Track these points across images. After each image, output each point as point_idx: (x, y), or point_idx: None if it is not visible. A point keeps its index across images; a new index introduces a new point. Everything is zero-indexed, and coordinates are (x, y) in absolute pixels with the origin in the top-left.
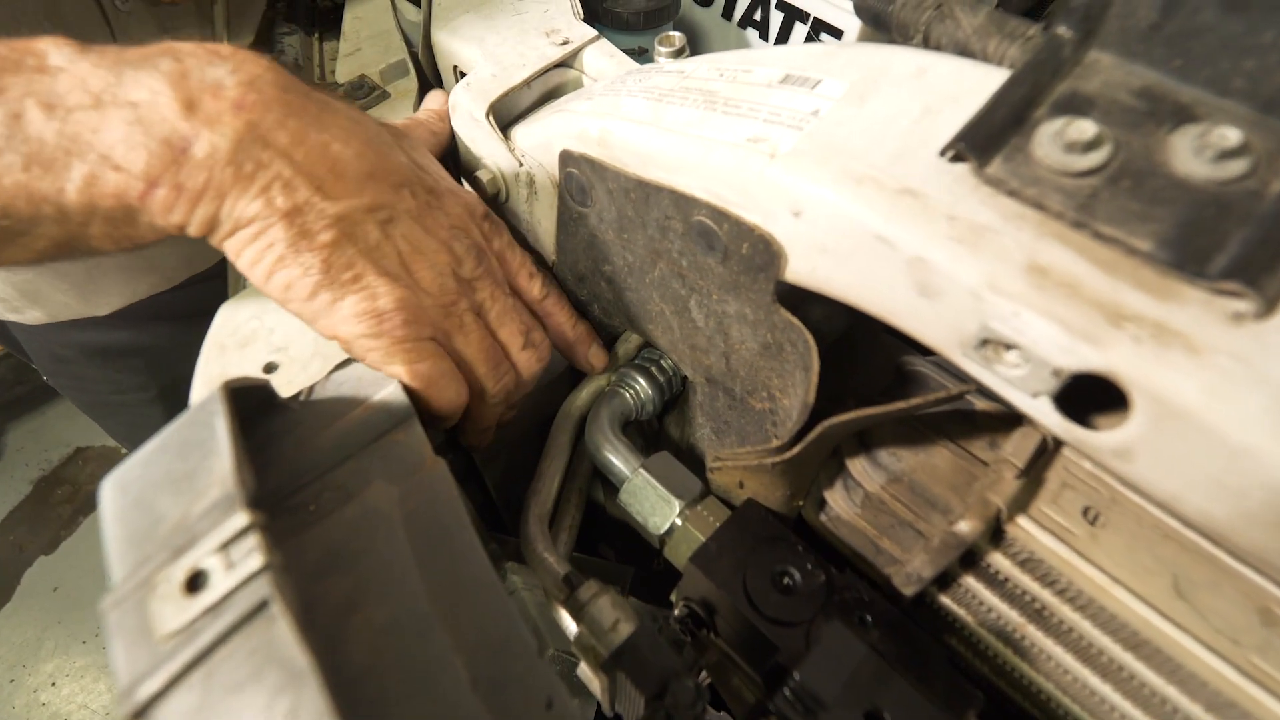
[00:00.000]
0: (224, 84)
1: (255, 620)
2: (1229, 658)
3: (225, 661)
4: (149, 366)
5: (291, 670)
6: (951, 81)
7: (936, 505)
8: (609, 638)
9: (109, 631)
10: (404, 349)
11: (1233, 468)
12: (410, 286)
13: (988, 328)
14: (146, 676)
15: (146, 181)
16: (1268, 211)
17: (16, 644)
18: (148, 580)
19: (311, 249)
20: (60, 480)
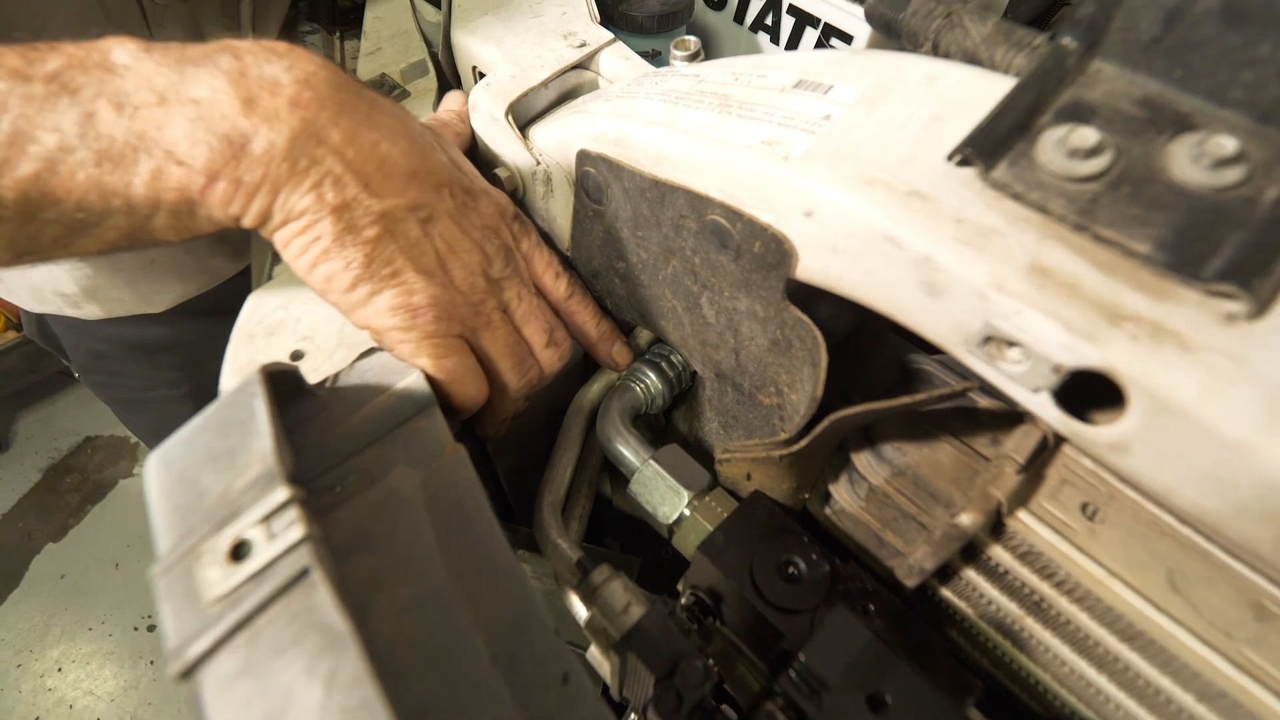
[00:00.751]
0: (280, 81)
1: (296, 587)
2: (1221, 650)
3: (268, 625)
4: (184, 363)
5: (331, 635)
6: (960, 89)
7: (939, 498)
8: (620, 620)
9: (158, 596)
10: (433, 344)
11: (1224, 462)
12: (444, 284)
13: (991, 325)
14: (194, 638)
15: (208, 176)
16: (1261, 218)
17: (24, 630)
18: (194, 549)
19: (356, 244)
20: (69, 469)
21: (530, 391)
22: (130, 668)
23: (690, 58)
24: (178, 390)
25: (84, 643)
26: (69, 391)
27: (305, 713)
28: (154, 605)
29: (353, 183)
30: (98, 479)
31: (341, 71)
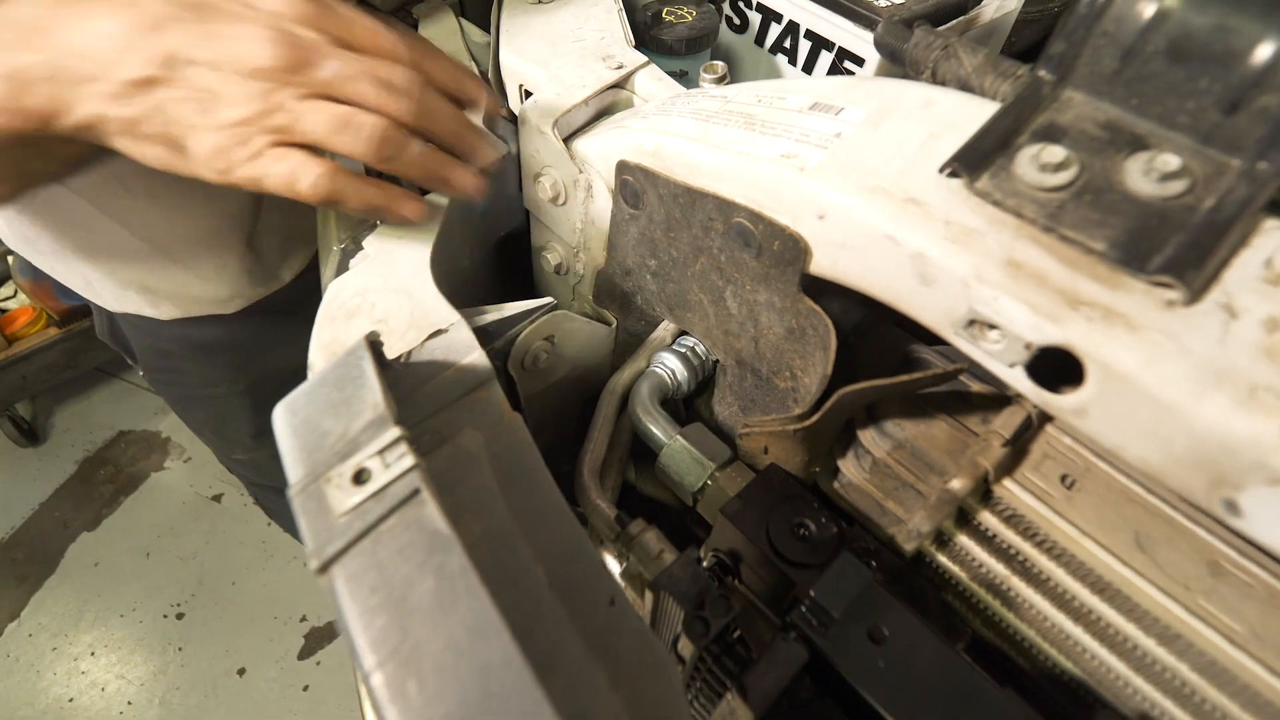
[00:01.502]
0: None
1: (409, 504)
2: (1180, 600)
3: (387, 532)
4: (240, 361)
5: (439, 538)
6: (952, 112)
7: (934, 468)
8: (654, 564)
9: (296, 512)
10: (250, 170)
11: (1163, 421)
12: (221, 124)
13: (973, 310)
14: (329, 542)
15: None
16: (1198, 222)
17: (58, 614)
18: (323, 475)
19: (135, 138)
20: (103, 461)
21: (417, 124)
22: (160, 654)
23: (717, 81)
24: (234, 387)
25: (116, 628)
26: (104, 387)
27: (421, 597)
28: (187, 591)
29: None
30: (130, 471)
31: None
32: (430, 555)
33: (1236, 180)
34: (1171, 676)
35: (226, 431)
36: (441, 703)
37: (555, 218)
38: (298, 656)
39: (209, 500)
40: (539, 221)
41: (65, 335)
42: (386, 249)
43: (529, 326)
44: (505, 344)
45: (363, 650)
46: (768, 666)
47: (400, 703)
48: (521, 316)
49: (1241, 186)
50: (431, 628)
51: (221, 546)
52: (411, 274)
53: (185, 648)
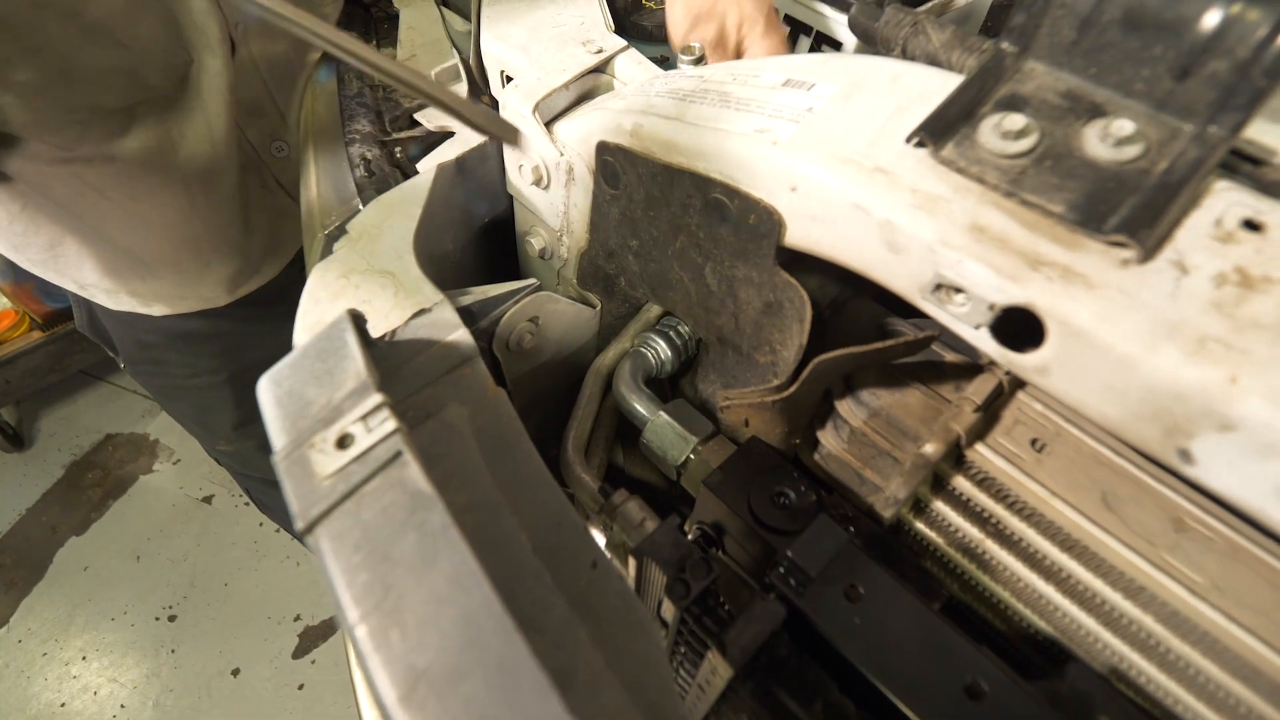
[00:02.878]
0: None
1: (391, 466)
2: (1145, 555)
3: (370, 493)
4: (224, 352)
5: (421, 497)
6: (919, 85)
7: (908, 434)
8: (637, 532)
9: (281, 476)
10: None
11: (1118, 374)
12: None
13: (940, 274)
14: (313, 504)
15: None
16: (1151, 184)
17: (49, 620)
18: (307, 441)
19: None
20: (91, 465)
21: None
22: (152, 656)
23: (694, 61)
24: (217, 377)
25: (107, 632)
26: (90, 390)
27: (404, 553)
28: (179, 593)
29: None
30: (119, 474)
31: None
32: (412, 514)
33: (1189, 144)
34: (1138, 629)
35: (209, 422)
36: (424, 650)
37: (538, 202)
38: (292, 655)
39: (199, 502)
40: (522, 206)
41: (49, 338)
42: (370, 233)
43: (513, 307)
44: (490, 325)
45: (347, 605)
46: (745, 623)
47: (384, 652)
48: (505, 297)
49: (1193, 149)
50: (414, 581)
51: (213, 547)
52: (395, 256)
53: (178, 650)
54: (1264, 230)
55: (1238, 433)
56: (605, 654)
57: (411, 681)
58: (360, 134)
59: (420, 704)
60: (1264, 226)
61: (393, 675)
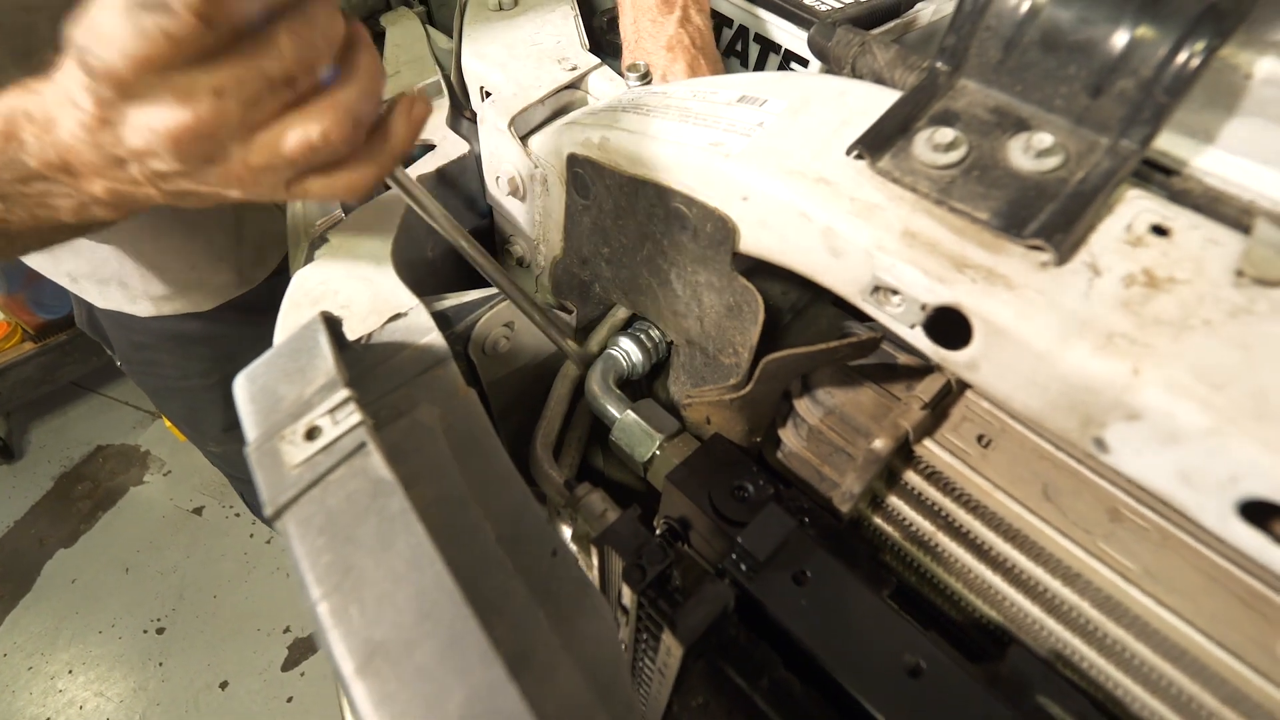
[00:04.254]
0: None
1: (355, 456)
2: (1082, 544)
3: (335, 481)
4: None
5: (382, 484)
6: (862, 101)
7: (861, 431)
8: (599, 523)
9: (253, 466)
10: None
11: (1038, 368)
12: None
13: (877, 277)
14: (282, 491)
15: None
16: (1069, 193)
17: (35, 633)
18: (278, 433)
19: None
20: (81, 477)
21: (339, 136)
22: (140, 669)
23: (640, 78)
24: (207, 380)
25: (94, 645)
26: (81, 402)
27: (365, 535)
28: (168, 605)
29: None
30: (109, 486)
31: None
32: (374, 499)
33: (1103, 155)
34: (1076, 615)
35: (199, 424)
36: (380, 624)
37: (516, 212)
38: (281, 668)
39: (189, 513)
40: (501, 217)
41: (41, 349)
42: (350, 241)
43: (488, 312)
44: (465, 329)
45: (310, 584)
46: (695, 604)
47: (343, 626)
48: (480, 302)
49: (1107, 161)
50: (373, 562)
51: (202, 560)
52: (373, 263)
53: (166, 662)
54: (1170, 235)
55: (1143, 421)
56: (562, 636)
57: (368, 653)
58: None
59: (375, 672)
60: (1170, 231)
61: (350, 647)
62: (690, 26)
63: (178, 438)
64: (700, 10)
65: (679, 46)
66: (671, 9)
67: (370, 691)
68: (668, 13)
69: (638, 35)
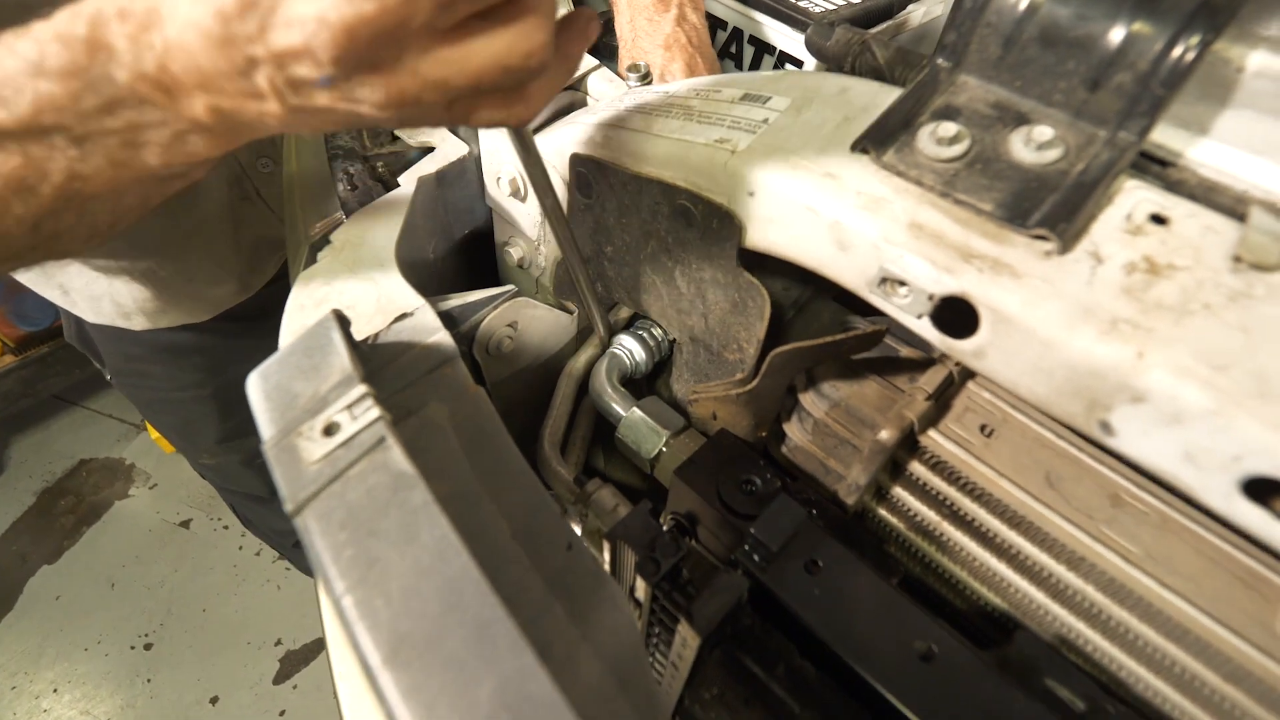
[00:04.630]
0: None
1: (375, 450)
2: (1085, 528)
3: (355, 476)
4: (208, 365)
5: (403, 477)
6: (864, 97)
7: (866, 423)
8: (610, 517)
9: (271, 463)
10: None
11: (1044, 354)
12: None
13: (884, 269)
14: (301, 487)
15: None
16: (1070, 184)
17: (18, 652)
18: (295, 430)
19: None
20: (64, 491)
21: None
22: (128, 686)
23: (641, 79)
24: (201, 391)
25: (80, 663)
26: (63, 415)
27: (387, 529)
28: (156, 620)
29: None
30: (93, 500)
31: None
32: (395, 493)
33: (1102, 147)
34: (1081, 599)
35: (193, 436)
36: (407, 616)
37: (516, 213)
38: (273, 681)
39: (176, 526)
40: (501, 218)
41: (21, 362)
42: (353, 242)
43: (492, 312)
44: (470, 329)
45: (334, 579)
46: (711, 594)
47: (370, 619)
48: (485, 302)
49: (1106, 153)
50: (397, 554)
51: (190, 573)
52: (377, 264)
53: (154, 679)
54: (1169, 223)
55: (1147, 404)
56: (581, 628)
57: (395, 644)
58: (343, 149)
59: (405, 664)
60: (1169, 220)
61: (377, 639)
62: (687, 25)
63: (164, 450)
64: (696, 9)
65: (676, 45)
66: (668, 7)
67: (399, 682)
68: (664, 11)
69: (634, 34)
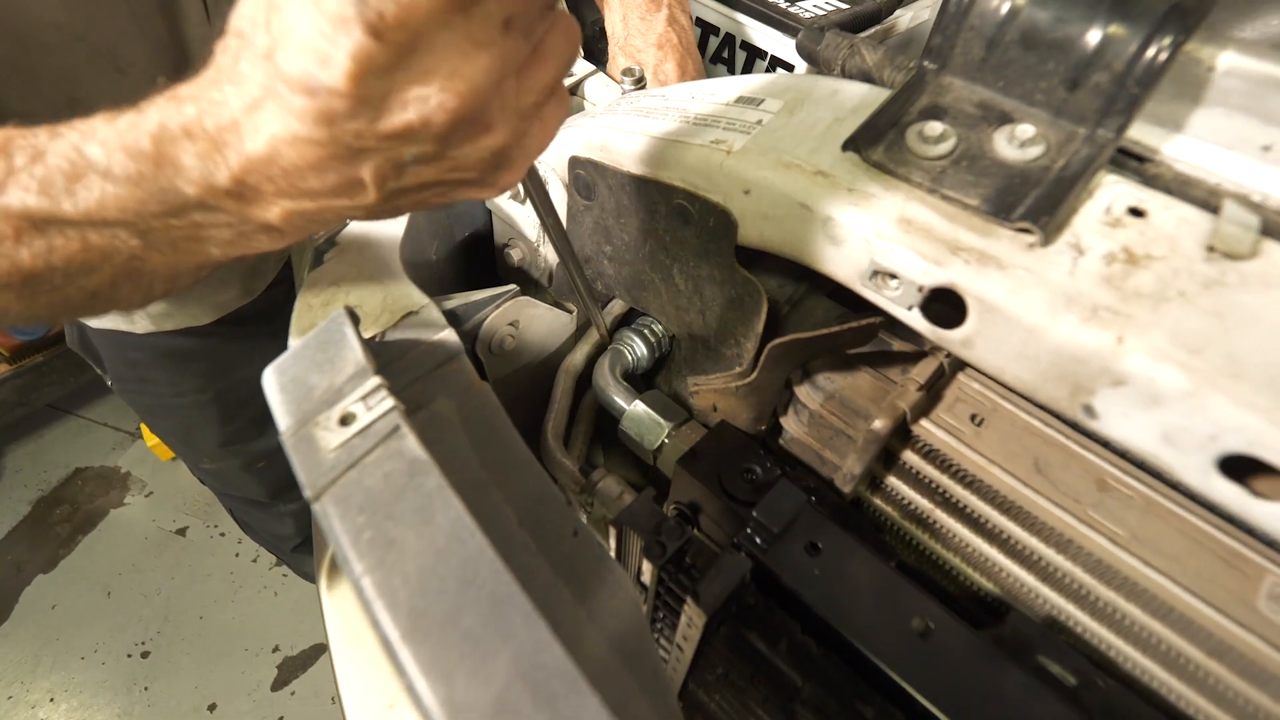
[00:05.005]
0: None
1: (390, 438)
2: (1073, 512)
3: (372, 463)
4: (209, 370)
5: (417, 463)
6: (855, 99)
7: (860, 413)
8: (615, 505)
9: (289, 452)
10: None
11: (1029, 341)
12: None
13: (875, 262)
14: (320, 474)
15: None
16: (1051, 179)
17: (14, 662)
18: (312, 420)
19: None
20: (59, 500)
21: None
22: (125, 695)
23: (635, 83)
24: (202, 395)
25: (76, 672)
26: (58, 424)
27: (403, 512)
28: (153, 628)
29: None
30: (89, 509)
31: None
32: (411, 478)
33: (1081, 144)
34: (1069, 580)
35: (194, 440)
36: (425, 594)
37: (516, 215)
38: (271, 688)
39: (173, 534)
40: (501, 220)
41: (16, 371)
42: (358, 243)
43: (494, 311)
44: (473, 328)
45: (353, 560)
46: (715, 574)
47: (388, 597)
48: (487, 301)
49: (1085, 149)
50: (414, 536)
51: (187, 580)
52: (383, 265)
53: (151, 686)
54: (1146, 216)
55: (1128, 386)
56: (586, 609)
57: (414, 620)
58: None
59: (423, 639)
60: (1146, 213)
61: (396, 617)
62: (677, 26)
63: (159, 458)
64: (684, 11)
65: (668, 45)
66: (660, 7)
67: (418, 655)
68: (656, 11)
69: (626, 32)
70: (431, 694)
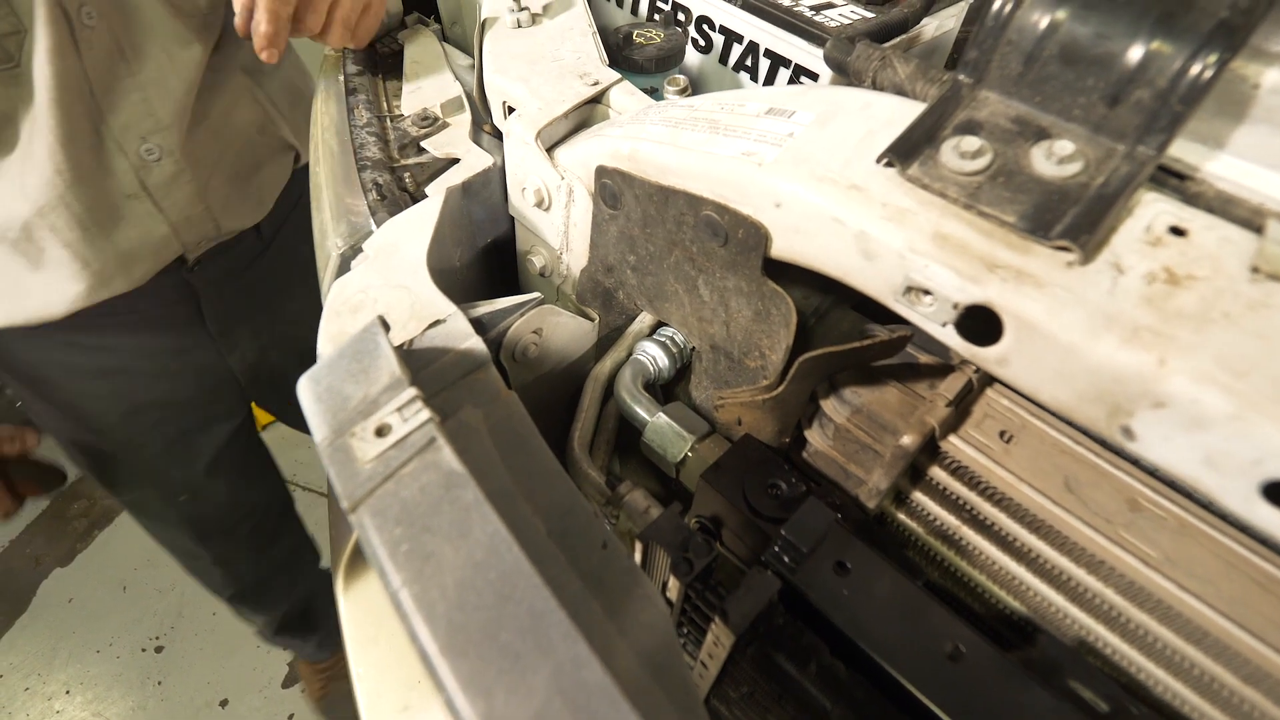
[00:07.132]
0: None
1: (426, 450)
2: (1104, 532)
3: (408, 475)
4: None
5: (454, 476)
6: (888, 112)
7: (887, 428)
8: (642, 519)
9: (326, 463)
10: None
11: (1067, 361)
12: None
13: (909, 278)
14: (357, 486)
15: None
16: (1090, 196)
17: (31, 654)
18: (349, 431)
19: None
20: (77, 495)
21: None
22: (139, 688)
23: (680, 91)
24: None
25: (92, 665)
26: None
27: (440, 525)
28: (166, 623)
29: None
30: (105, 504)
31: None
32: (448, 490)
33: (1121, 161)
34: (1100, 602)
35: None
36: (463, 608)
37: (540, 222)
38: (281, 685)
39: None
40: (524, 227)
41: None
42: (386, 250)
43: (519, 319)
44: (497, 335)
45: (391, 572)
46: (744, 593)
47: (426, 610)
48: (512, 309)
49: (1125, 166)
50: (451, 549)
51: None
52: (409, 271)
53: (165, 681)
54: (1187, 235)
55: (1169, 409)
56: (616, 624)
57: (452, 634)
58: (370, 161)
59: (462, 653)
60: (1187, 232)
61: (434, 630)
62: None
63: None
64: None
65: None
66: None
67: (457, 670)
68: None
69: None
70: (471, 709)
